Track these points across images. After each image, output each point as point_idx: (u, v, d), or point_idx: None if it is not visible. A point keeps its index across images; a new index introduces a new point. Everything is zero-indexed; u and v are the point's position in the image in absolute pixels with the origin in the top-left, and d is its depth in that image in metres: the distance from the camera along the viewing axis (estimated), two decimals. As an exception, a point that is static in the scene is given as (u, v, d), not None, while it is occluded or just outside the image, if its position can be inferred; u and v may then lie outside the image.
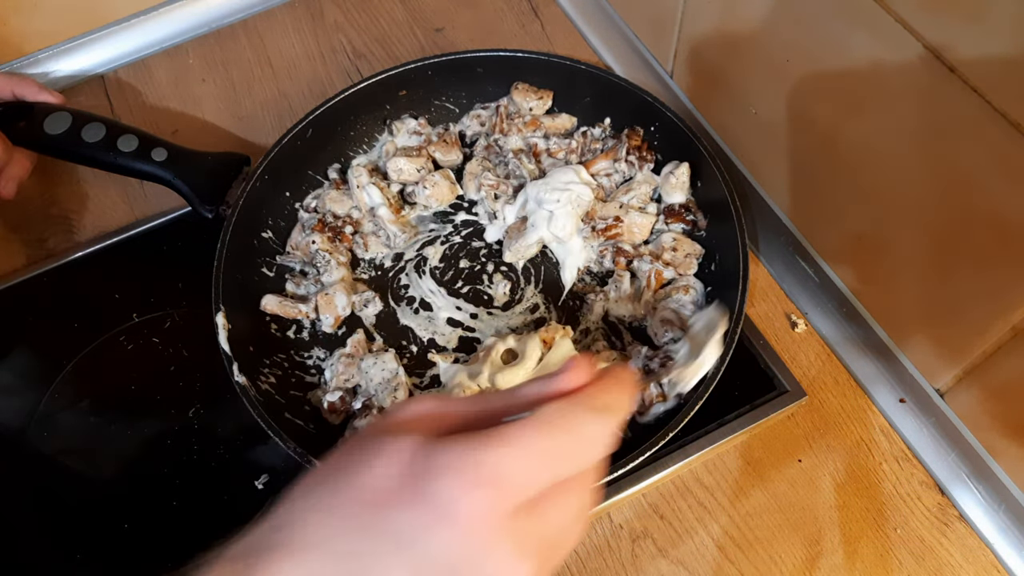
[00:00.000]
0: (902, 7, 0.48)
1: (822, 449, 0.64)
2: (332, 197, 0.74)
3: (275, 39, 0.91)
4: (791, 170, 0.67)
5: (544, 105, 0.78)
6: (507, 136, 0.78)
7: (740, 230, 0.65)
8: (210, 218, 0.71)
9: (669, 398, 0.61)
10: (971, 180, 0.49)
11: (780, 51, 0.60)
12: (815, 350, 0.68)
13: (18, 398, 0.69)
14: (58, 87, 0.86)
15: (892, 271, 0.60)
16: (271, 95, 0.87)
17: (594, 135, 0.77)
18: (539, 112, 0.78)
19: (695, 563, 0.60)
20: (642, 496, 0.63)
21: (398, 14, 0.93)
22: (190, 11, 0.91)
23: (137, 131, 0.72)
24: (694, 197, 0.72)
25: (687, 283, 0.68)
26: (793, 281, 0.71)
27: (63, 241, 0.78)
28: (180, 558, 0.60)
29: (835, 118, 0.58)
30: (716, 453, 0.63)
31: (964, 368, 0.57)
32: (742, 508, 0.62)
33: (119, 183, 0.80)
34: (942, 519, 0.61)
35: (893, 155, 0.54)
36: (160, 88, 0.88)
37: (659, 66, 0.80)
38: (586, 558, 0.61)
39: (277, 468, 0.64)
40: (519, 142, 0.77)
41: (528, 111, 0.78)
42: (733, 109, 0.71)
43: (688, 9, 0.70)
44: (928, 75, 0.47)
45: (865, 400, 0.66)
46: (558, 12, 0.92)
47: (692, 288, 0.68)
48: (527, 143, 0.77)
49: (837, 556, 0.60)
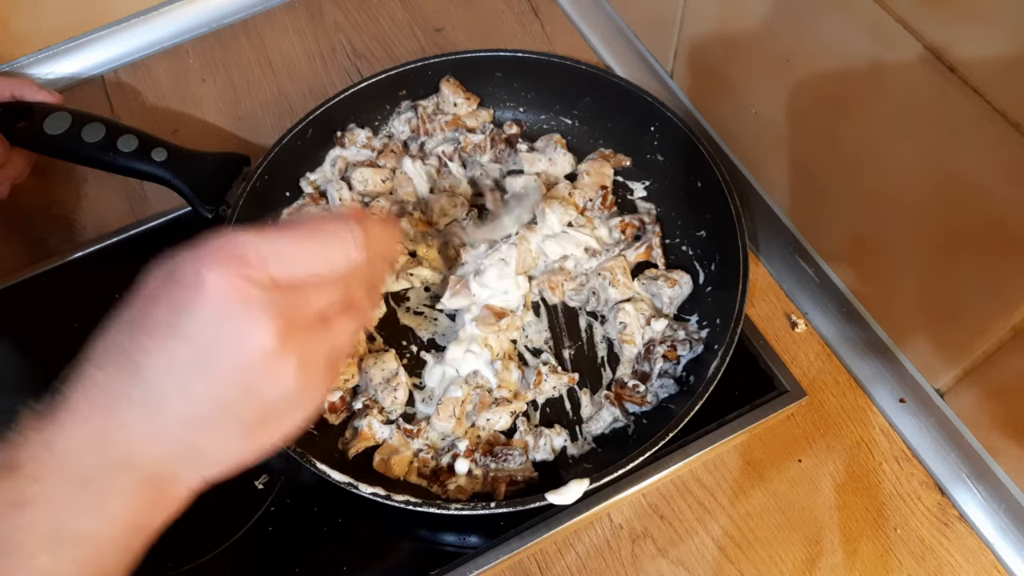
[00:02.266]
0: (902, 7, 0.48)
1: (822, 449, 0.64)
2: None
3: (275, 39, 0.91)
4: (791, 170, 0.67)
5: (469, 107, 0.77)
6: (431, 136, 0.77)
7: (740, 230, 0.65)
8: (210, 218, 0.71)
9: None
10: (971, 180, 0.49)
11: (780, 51, 0.60)
12: (815, 350, 0.68)
13: (18, 398, 0.69)
14: (58, 87, 0.86)
15: (892, 271, 0.60)
16: (271, 95, 0.87)
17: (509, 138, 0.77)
18: (462, 112, 0.77)
19: (695, 563, 0.60)
20: (642, 496, 0.63)
21: (398, 14, 0.93)
22: (190, 11, 0.91)
23: (137, 131, 0.72)
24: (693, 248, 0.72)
25: (675, 277, 0.68)
26: (793, 281, 0.71)
27: (63, 241, 0.78)
28: (180, 558, 0.60)
29: (835, 118, 0.58)
30: (716, 453, 0.63)
31: (964, 368, 0.57)
32: (742, 508, 0.62)
33: (119, 183, 0.80)
34: (942, 519, 0.61)
35: (893, 155, 0.54)
36: (160, 88, 0.88)
37: (659, 66, 0.80)
38: (586, 558, 0.61)
39: (277, 468, 0.64)
40: (444, 144, 0.76)
41: (452, 106, 0.77)
42: (733, 109, 0.71)
43: (688, 9, 0.70)
44: (928, 75, 0.47)
45: (865, 400, 0.66)
46: (558, 12, 0.92)
47: (679, 283, 0.68)
48: (455, 142, 0.76)
49: (837, 556, 0.60)
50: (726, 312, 0.63)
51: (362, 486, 0.56)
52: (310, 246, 0.39)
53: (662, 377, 0.64)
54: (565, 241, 0.70)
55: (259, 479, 0.63)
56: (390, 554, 0.61)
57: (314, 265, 0.39)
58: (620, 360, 0.67)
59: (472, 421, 0.64)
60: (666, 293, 0.68)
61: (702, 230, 0.71)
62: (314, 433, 0.63)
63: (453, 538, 0.60)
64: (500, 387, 0.64)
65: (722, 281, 0.67)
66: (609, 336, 0.68)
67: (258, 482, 0.63)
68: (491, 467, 0.61)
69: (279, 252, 0.37)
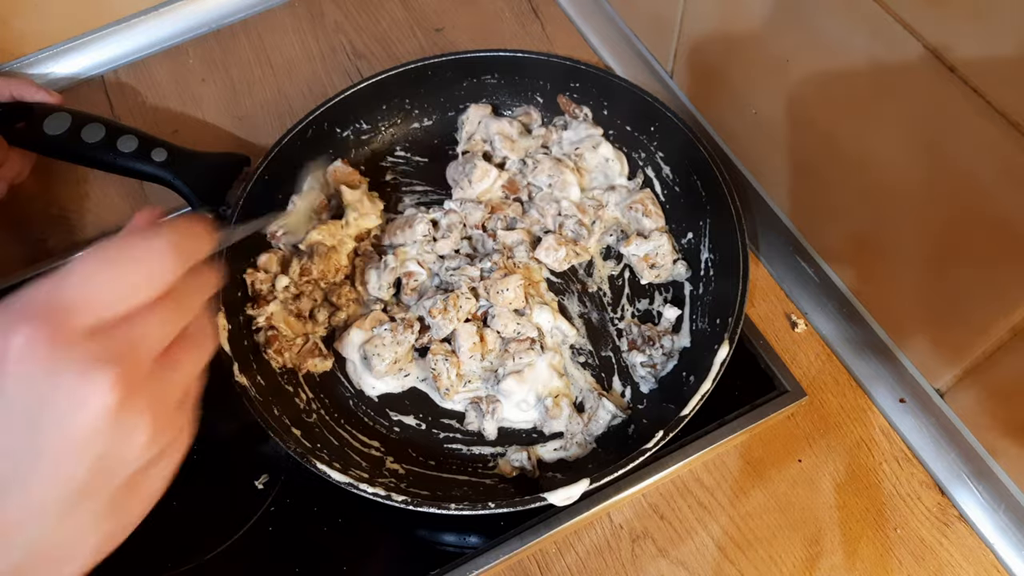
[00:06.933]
0: (902, 7, 0.48)
1: (822, 449, 0.64)
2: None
3: (275, 39, 0.91)
4: (791, 170, 0.67)
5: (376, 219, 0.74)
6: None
7: (740, 230, 0.65)
8: (210, 218, 0.71)
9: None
10: (971, 180, 0.49)
11: (780, 51, 0.60)
12: (815, 350, 0.68)
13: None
14: (58, 87, 0.86)
15: (892, 271, 0.60)
16: (271, 95, 0.87)
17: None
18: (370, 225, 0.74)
19: (695, 563, 0.60)
20: (642, 496, 0.63)
21: (398, 14, 0.93)
22: (190, 11, 0.91)
23: (137, 131, 0.72)
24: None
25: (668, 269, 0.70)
26: (793, 281, 0.71)
27: (63, 241, 0.78)
28: (180, 558, 0.60)
29: (835, 118, 0.58)
30: (716, 453, 0.63)
31: (964, 368, 0.57)
32: (742, 508, 0.62)
33: (119, 183, 0.80)
34: (942, 519, 0.61)
35: (893, 155, 0.54)
36: (160, 88, 0.88)
37: (659, 66, 0.80)
38: (586, 558, 0.61)
39: (277, 468, 0.64)
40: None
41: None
42: (733, 109, 0.71)
43: (688, 9, 0.70)
44: (928, 75, 0.47)
45: (865, 400, 0.66)
46: (558, 12, 0.92)
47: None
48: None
49: (837, 556, 0.60)
50: (726, 312, 0.63)
51: (362, 486, 0.56)
52: (121, 272, 0.33)
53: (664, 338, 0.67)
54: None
55: (259, 479, 0.63)
56: (390, 554, 0.61)
57: (133, 291, 0.33)
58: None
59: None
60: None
61: (702, 230, 0.71)
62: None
63: (453, 538, 0.60)
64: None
65: (722, 281, 0.67)
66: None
67: (258, 482, 0.63)
68: None
69: (91, 289, 0.31)
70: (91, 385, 0.30)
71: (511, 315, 0.67)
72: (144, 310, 0.33)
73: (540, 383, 0.66)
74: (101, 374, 0.30)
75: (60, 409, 0.29)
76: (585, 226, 0.72)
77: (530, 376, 0.65)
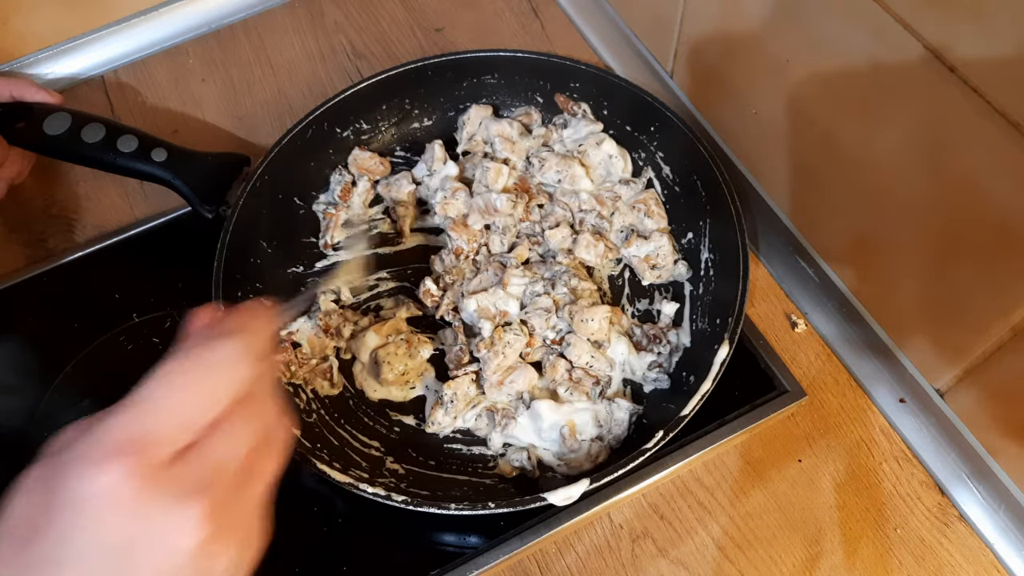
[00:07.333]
0: (902, 7, 0.48)
1: (822, 449, 0.64)
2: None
3: (275, 39, 0.91)
4: (791, 170, 0.67)
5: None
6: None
7: (740, 230, 0.65)
8: (210, 218, 0.71)
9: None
10: (971, 180, 0.49)
11: (780, 51, 0.60)
12: (815, 350, 0.68)
13: (18, 398, 0.69)
14: (58, 87, 0.86)
15: (892, 271, 0.60)
16: (271, 95, 0.87)
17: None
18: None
19: (695, 563, 0.60)
20: (642, 496, 0.63)
21: (398, 14, 0.93)
22: (190, 11, 0.91)
23: (137, 131, 0.72)
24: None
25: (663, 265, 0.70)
26: (793, 281, 0.71)
27: (63, 241, 0.78)
28: (180, 558, 0.60)
29: (835, 118, 0.58)
30: (716, 453, 0.63)
31: (964, 368, 0.57)
32: (742, 508, 0.62)
33: (119, 183, 0.80)
34: (942, 519, 0.61)
35: (893, 155, 0.54)
36: (160, 88, 0.88)
37: (659, 66, 0.80)
38: (586, 558, 0.61)
39: (277, 468, 0.64)
40: None
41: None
42: (733, 109, 0.71)
43: (688, 9, 0.70)
44: (928, 75, 0.47)
45: (865, 400, 0.66)
46: (558, 12, 0.92)
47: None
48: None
49: (837, 556, 0.60)
50: (726, 312, 0.63)
51: (362, 486, 0.56)
52: (198, 391, 0.31)
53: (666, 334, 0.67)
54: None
55: (259, 479, 0.63)
56: (390, 554, 0.61)
57: (212, 407, 0.32)
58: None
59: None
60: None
61: (702, 230, 0.71)
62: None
63: (453, 538, 0.61)
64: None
65: (722, 281, 0.67)
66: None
67: (258, 482, 0.63)
68: None
69: (170, 415, 0.30)
70: (181, 522, 0.29)
71: (588, 346, 0.65)
72: (223, 422, 0.32)
73: (579, 422, 0.63)
74: (190, 509, 0.29)
75: (151, 547, 0.29)
76: (605, 219, 0.72)
77: (568, 409, 0.63)
